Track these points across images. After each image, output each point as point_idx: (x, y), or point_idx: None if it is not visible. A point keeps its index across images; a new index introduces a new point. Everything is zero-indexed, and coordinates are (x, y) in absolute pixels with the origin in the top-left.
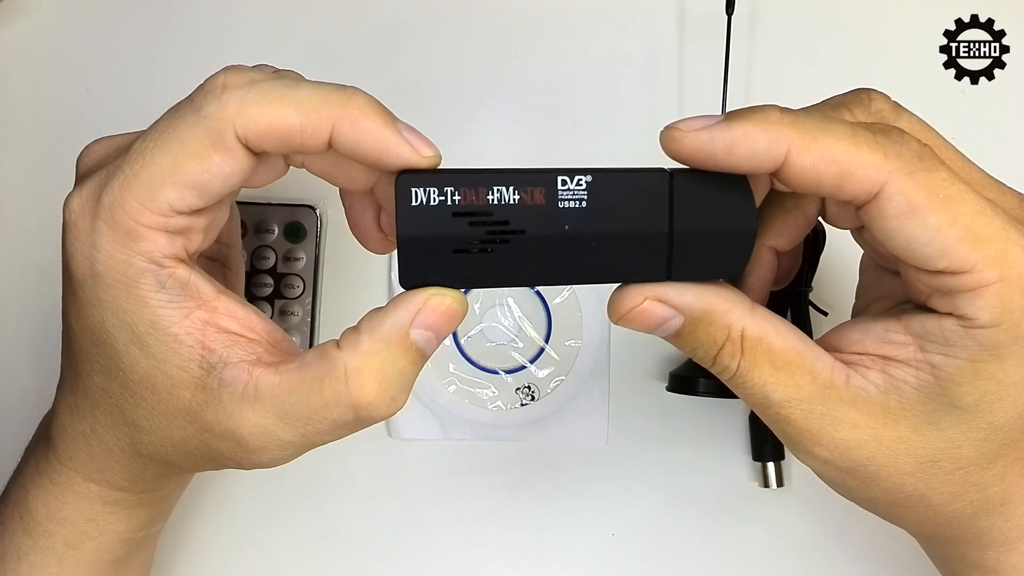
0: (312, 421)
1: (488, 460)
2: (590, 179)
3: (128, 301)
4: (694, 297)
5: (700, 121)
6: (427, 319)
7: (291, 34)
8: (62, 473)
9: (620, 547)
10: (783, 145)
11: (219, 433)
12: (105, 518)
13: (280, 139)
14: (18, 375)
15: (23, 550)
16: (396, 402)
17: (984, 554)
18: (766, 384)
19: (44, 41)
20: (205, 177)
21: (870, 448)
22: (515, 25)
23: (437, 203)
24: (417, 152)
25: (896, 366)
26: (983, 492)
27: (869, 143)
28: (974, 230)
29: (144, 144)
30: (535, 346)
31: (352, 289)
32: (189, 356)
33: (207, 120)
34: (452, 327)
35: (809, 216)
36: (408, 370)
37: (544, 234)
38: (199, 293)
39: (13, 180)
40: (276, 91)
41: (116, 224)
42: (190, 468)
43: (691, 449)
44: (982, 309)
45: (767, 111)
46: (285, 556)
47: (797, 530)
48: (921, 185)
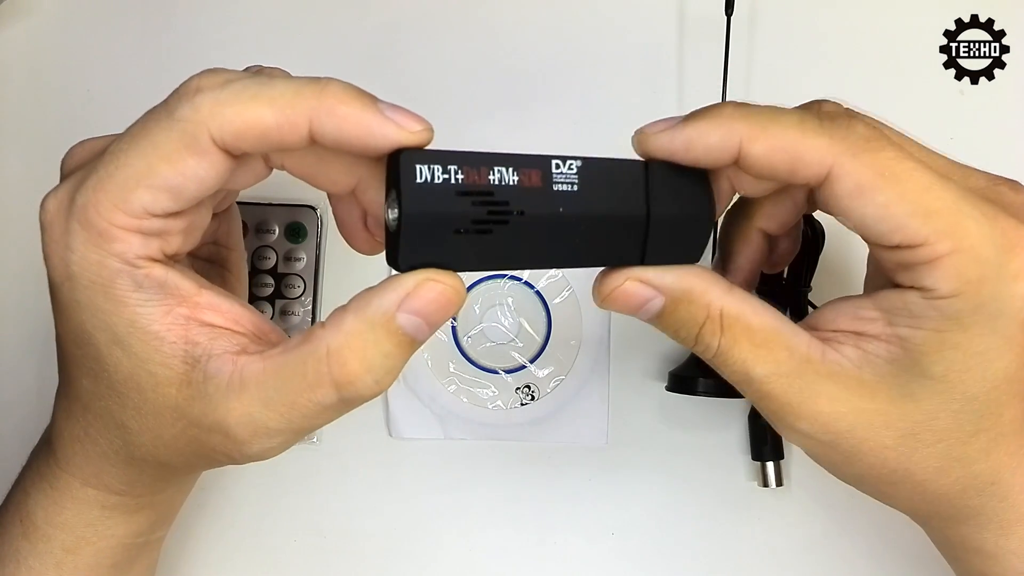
0: (297, 405)
1: (488, 460)
2: (580, 164)
3: (106, 302)
4: (674, 278)
5: (663, 124)
6: (416, 304)
7: (292, 34)
8: (61, 478)
9: (620, 547)
10: (735, 137)
11: (207, 426)
12: (103, 523)
13: (257, 138)
14: (19, 376)
15: (22, 554)
16: (380, 384)
17: (982, 536)
18: (746, 360)
19: (44, 41)
20: (179, 180)
21: (849, 421)
22: (514, 26)
23: (441, 181)
24: (404, 129)
25: (867, 340)
26: (968, 468)
27: (815, 128)
28: (923, 204)
29: (118, 146)
30: (535, 346)
31: (353, 289)
32: (172, 352)
33: (180, 123)
34: (446, 315)
35: (797, 200)
36: (394, 354)
37: (541, 215)
38: (179, 290)
39: (13, 180)
40: (249, 90)
41: (89, 225)
42: (184, 467)
43: (691, 449)
44: (940, 280)
45: (721, 108)
46: (285, 556)
47: (797, 530)
48: (867, 165)
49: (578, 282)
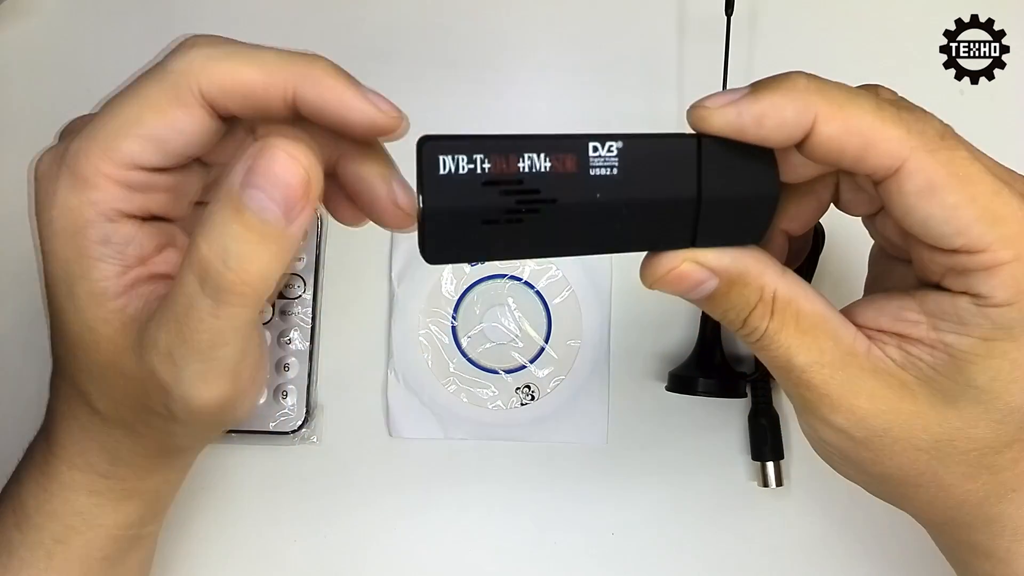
0: (177, 314)
1: (488, 460)
2: (621, 145)
3: (70, 250)
4: (731, 260)
5: (726, 96)
6: (257, 180)
7: (293, 34)
8: (51, 463)
9: (620, 547)
10: (810, 113)
11: (143, 379)
12: (91, 511)
13: (243, 96)
14: (20, 376)
15: (14, 545)
16: (234, 271)
17: (995, 543)
18: (791, 347)
19: (44, 42)
20: (165, 132)
21: (886, 419)
22: (514, 26)
23: (466, 171)
24: (380, 110)
25: (912, 344)
26: (996, 476)
27: (893, 117)
28: (991, 210)
29: (114, 98)
30: (535, 346)
31: (352, 289)
32: (113, 309)
33: (171, 75)
34: (295, 197)
35: (823, 200)
36: (244, 236)
37: (576, 203)
38: (142, 249)
39: (14, 181)
40: (241, 51)
41: (75, 172)
42: (151, 434)
43: (691, 449)
44: (997, 288)
45: (794, 79)
46: (285, 556)
47: (796, 529)
48: (942, 163)
49: (578, 282)
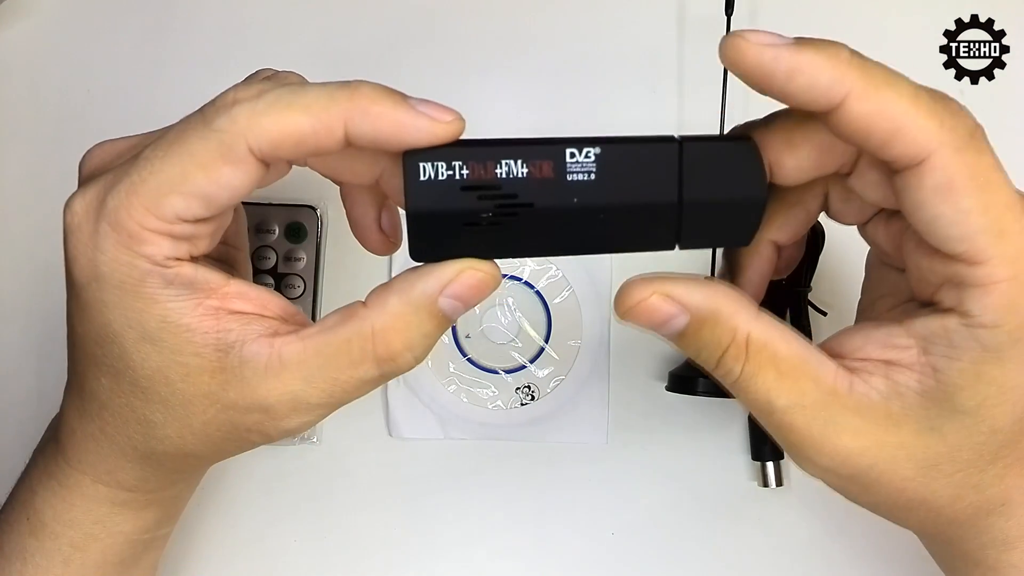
0: (339, 381)
1: (488, 460)
2: (599, 151)
3: (136, 300)
4: (703, 297)
5: (769, 37)
6: (456, 290)
7: (293, 34)
8: (71, 476)
9: (620, 547)
10: (845, 86)
11: (244, 408)
12: (112, 519)
13: (295, 145)
14: (20, 376)
15: (29, 552)
16: (417, 360)
17: (984, 553)
18: (770, 390)
19: (44, 42)
20: (213, 188)
21: (872, 455)
22: (514, 27)
23: (445, 177)
24: (437, 121)
25: (899, 371)
26: (982, 493)
27: (928, 107)
28: (1000, 223)
29: (154, 152)
30: (535, 346)
31: (353, 289)
32: (204, 342)
33: (218, 133)
34: (482, 298)
35: (811, 211)
36: (432, 333)
37: (552, 207)
38: (207, 284)
39: (14, 181)
40: (283, 99)
41: (120, 227)
42: (209, 455)
43: (691, 449)
44: (987, 308)
45: (838, 48)
46: (286, 556)
47: (796, 530)
48: (966, 164)
49: (578, 282)
